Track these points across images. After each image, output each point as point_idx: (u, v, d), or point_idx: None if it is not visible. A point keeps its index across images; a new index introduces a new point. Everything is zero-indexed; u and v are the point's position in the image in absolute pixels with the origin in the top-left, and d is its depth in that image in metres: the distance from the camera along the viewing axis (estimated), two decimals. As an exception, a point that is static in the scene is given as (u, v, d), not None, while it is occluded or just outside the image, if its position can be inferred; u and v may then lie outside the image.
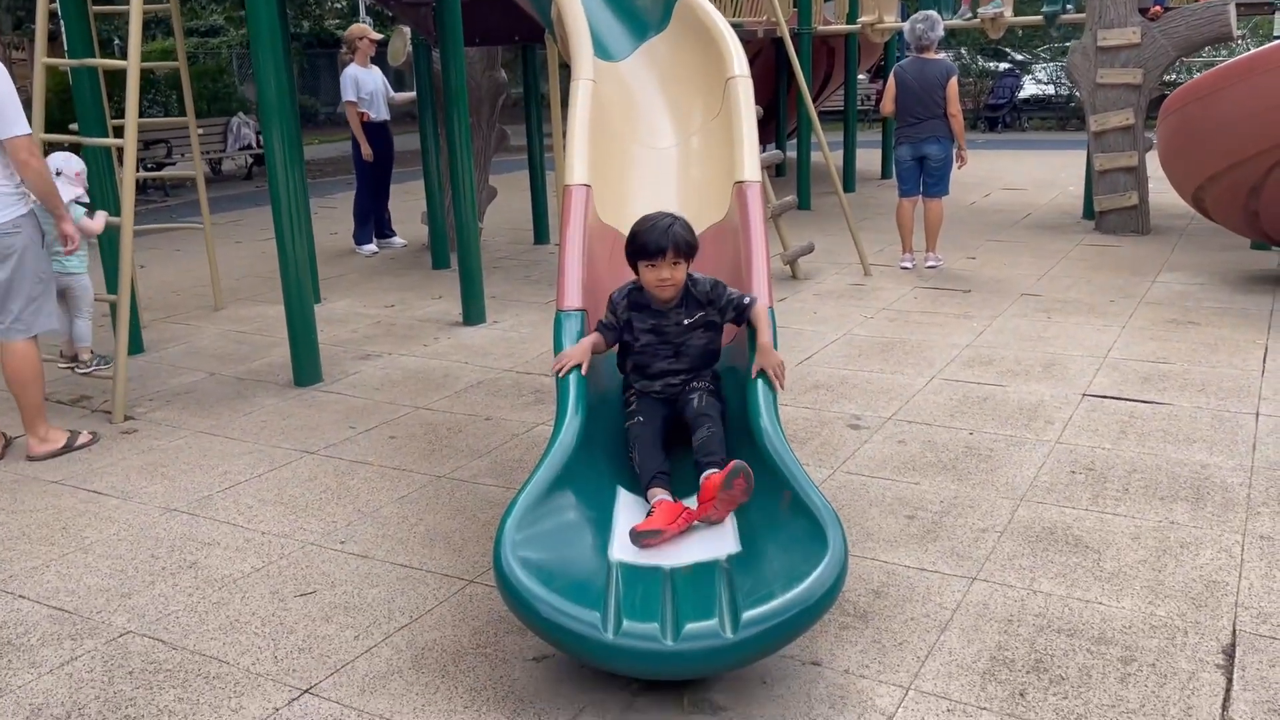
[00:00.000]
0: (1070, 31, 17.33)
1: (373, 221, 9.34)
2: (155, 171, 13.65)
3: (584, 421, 3.14)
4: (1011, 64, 23.25)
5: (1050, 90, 22.68)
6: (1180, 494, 3.70)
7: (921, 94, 7.31)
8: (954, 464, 4.03)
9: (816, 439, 4.34)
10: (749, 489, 2.88)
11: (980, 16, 9.99)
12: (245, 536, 3.62)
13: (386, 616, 3.04)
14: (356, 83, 8.82)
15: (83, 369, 5.64)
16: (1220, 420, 4.40)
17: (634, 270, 3.31)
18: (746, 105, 4.21)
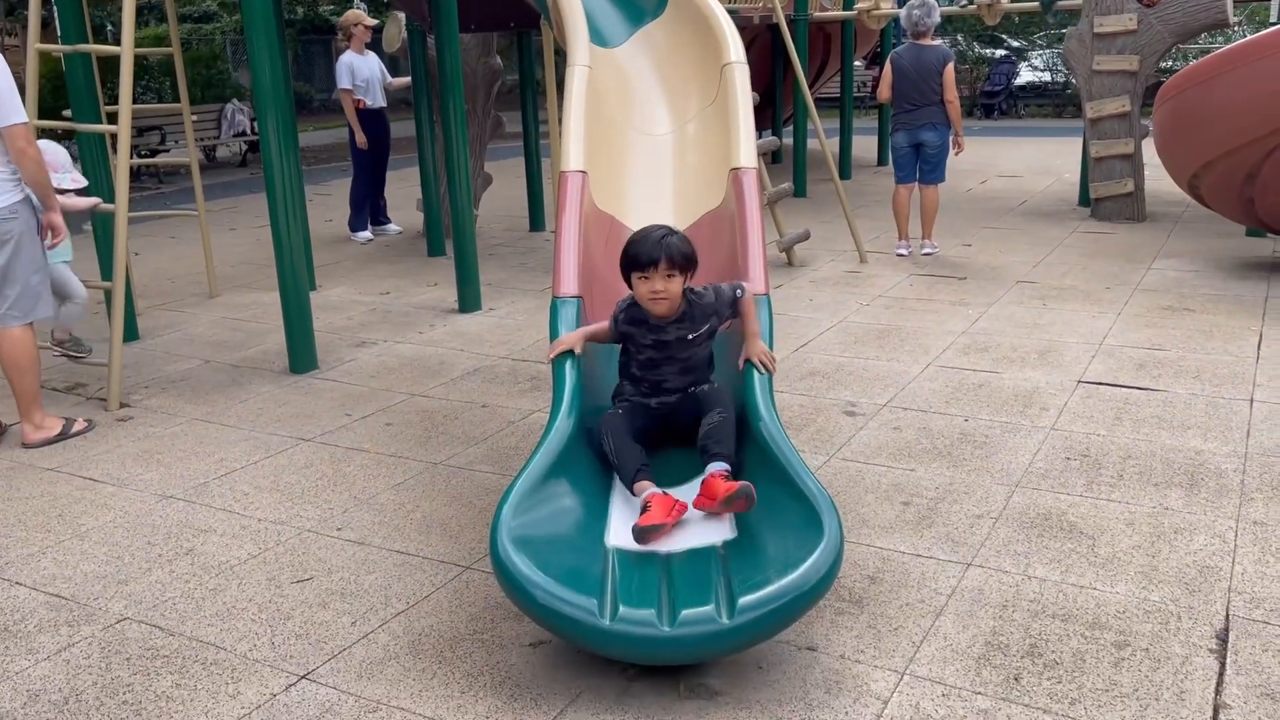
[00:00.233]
0: (1067, 18, 17.32)
1: (368, 208, 9.32)
2: (149, 158, 13.60)
3: (580, 408, 3.14)
4: (1008, 50, 23.25)
5: (1046, 77, 22.70)
6: (1175, 480, 3.71)
7: (918, 80, 7.30)
8: (949, 450, 4.04)
9: (812, 425, 4.35)
10: (749, 509, 2.84)
11: (977, 3, 9.96)
12: (241, 523, 3.62)
13: (383, 603, 3.05)
14: (352, 69, 8.79)
15: (60, 350, 5.55)
16: (1215, 406, 4.41)
17: (628, 284, 3.21)
18: (743, 91, 4.20)
